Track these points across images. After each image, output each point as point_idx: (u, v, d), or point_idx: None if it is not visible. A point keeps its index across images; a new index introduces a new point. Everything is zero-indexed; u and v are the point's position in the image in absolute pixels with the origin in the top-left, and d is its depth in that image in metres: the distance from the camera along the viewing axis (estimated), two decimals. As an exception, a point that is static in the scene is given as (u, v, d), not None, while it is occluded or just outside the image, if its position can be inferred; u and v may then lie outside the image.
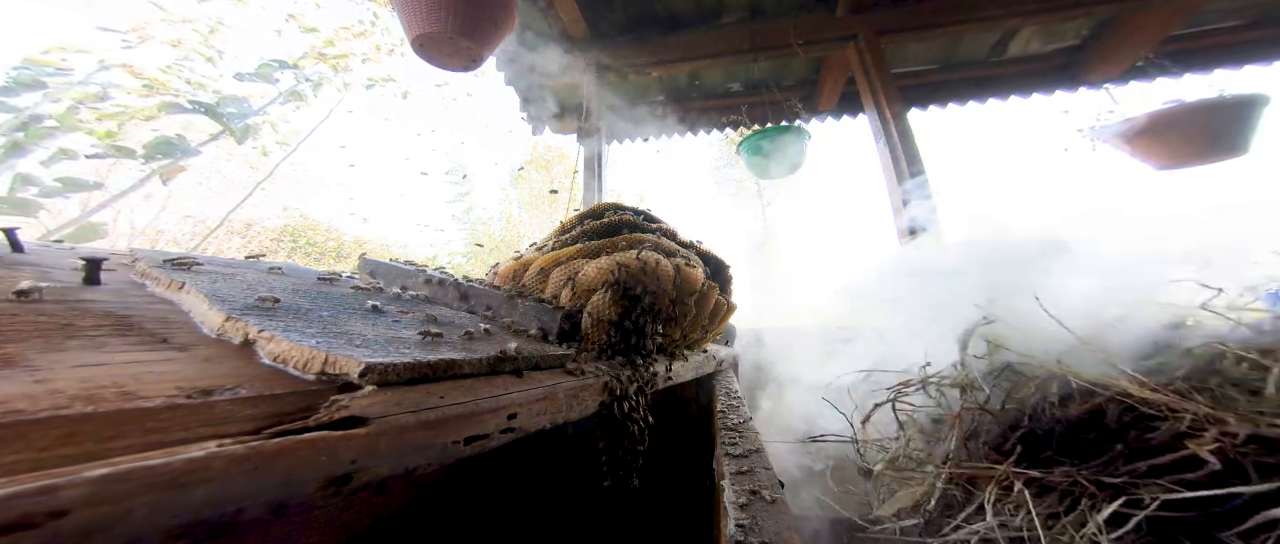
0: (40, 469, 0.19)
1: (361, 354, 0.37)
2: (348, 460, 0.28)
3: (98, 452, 0.22)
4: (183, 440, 0.24)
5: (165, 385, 0.28)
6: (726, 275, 1.21)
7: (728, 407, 0.96)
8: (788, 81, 2.91)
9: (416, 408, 0.35)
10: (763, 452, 0.68)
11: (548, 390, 0.50)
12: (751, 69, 2.77)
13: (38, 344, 0.32)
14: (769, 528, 0.46)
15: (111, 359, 0.31)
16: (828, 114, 2.95)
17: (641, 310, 0.79)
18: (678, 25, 2.53)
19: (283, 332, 0.38)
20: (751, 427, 0.82)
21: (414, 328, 0.54)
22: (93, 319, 0.39)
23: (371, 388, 0.34)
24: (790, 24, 2.36)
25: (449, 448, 0.36)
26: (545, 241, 1.07)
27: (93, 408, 0.24)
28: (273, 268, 0.77)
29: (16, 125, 3.19)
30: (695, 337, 1.12)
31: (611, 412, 0.65)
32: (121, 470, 0.20)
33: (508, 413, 0.43)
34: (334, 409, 0.30)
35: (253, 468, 0.24)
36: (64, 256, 0.60)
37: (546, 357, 0.58)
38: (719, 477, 0.64)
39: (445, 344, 0.49)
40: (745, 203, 14.40)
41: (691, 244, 1.16)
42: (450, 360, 0.42)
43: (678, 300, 0.90)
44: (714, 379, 1.23)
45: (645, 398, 0.73)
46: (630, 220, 1.05)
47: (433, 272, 0.93)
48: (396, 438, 0.31)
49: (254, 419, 0.28)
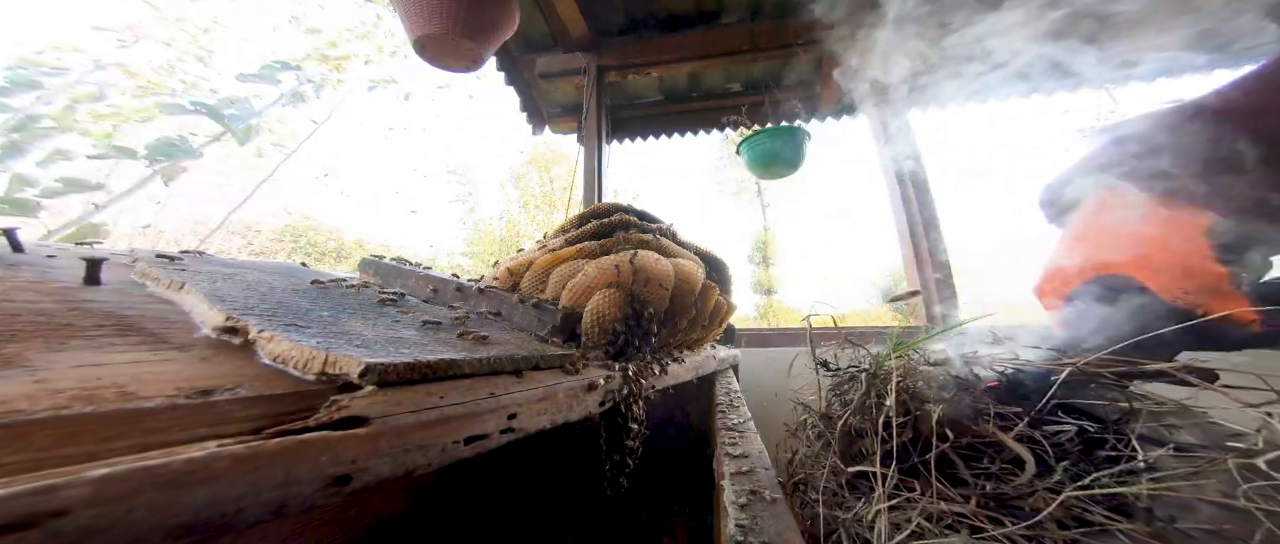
0: (40, 469, 0.19)
1: (361, 354, 0.37)
2: (348, 460, 0.28)
3: (98, 452, 0.22)
4: (183, 440, 0.24)
5: (165, 385, 0.28)
6: (726, 275, 1.21)
7: (728, 407, 0.96)
8: (788, 81, 2.91)
9: (416, 408, 0.35)
10: (763, 452, 0.68)
11: (548, 390, 0.50)
12: (751, 69, 2.77)
13: (38, 344, 0.32)
14: (769, 528, 0.46)
15: (111, 359, 0.31)
16: (828, 114, 2.95)
17: (641, 310, 0.79)
18: (678, 25, 2.53)
19: (283, 331, 0.39)
20: (751, 426, 0.82)
21: (414, 328, 0.54)
22: (93, 319, 0.39)
23: (371, 388, 0.34)
24: (790, 24, 2.36)
25: (449, 448, 0.36)
26: (545, 242, 1.07)
27: (93, 408, 0.24)
28: (273, 268, 0.78)
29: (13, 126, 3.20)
30: (695, 336, 1.12)
31: (611, 412, 0.65)
32: (121, 470, 0.20)
33: (508, 413, 0.43)
34: (334, 409, 0.30)
35: (253, 468, 0.24)
36: (64, 256, 0.60)
37: (546, 357, 0.58)
38: (719, 477, 0.64)
39: (445, 344, 0.49)
40: (746, 203, 14.40)
41: (691, 244, 1.16)
42: (450, 360, 0.42)
43: (677, 300, 0.90)
44: (714, 379, 1.23)
45: (645, 398, 0.73)
46: (630, 220, 1.05)
47: (433, 271, 0.93)
48: (396, 438, 0.31)
49: (254, 419, 0.28)
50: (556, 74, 2.63)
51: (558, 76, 2.65)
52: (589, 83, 2.56)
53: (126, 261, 0.64)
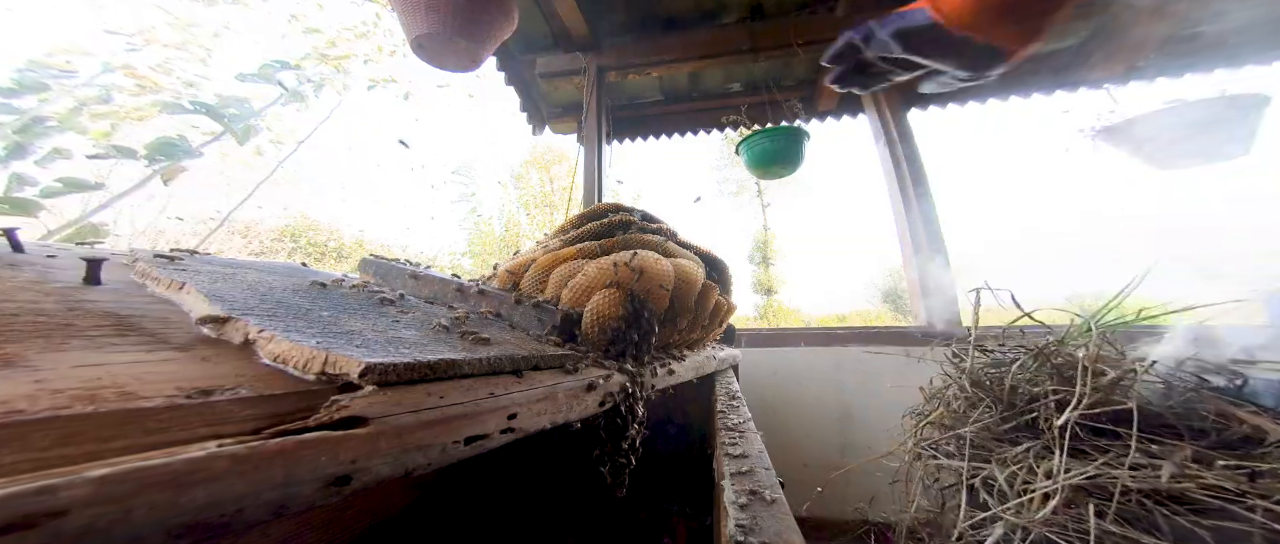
0: (40, 469, 0.19)
1: (361, 354, 0.37)
2: (348, 460, 0.28)
3: (98, 452, 0.22)
4: (183, 440, 0.24)
5: (165, 385, 0.28)
6: (726, 275, 1.21)
7: (728, 407, 0.96)
8: (788, 81, 2.91)
9: (416, 408, 0.35)
10: (763, 452, 0.68)
11: (548, 390, 0.50)
12: (751, 69, 2.77)
13: (38, 344, 0.32)
14: (769, 528, 0.45)
15: (111, 359, 0.31)
16: (828, 114, 2.95)
17: (641, 310, 0.79)
18: (678, 25, 2.53)
19: (283, 331, 0.38)
20: (751, 426, 0.82)
21: (414, 328, 0.54)
22: (93, 319, 0.39)
23: (371, 388, 0.34)
24: (790, 24, 2.36)
25: (449, 448, 0.36)
26: (545, 242, 1.07)
27: (93, 408, 0.24)
28: (273, 268, 0.77)
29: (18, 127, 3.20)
30: (695, 336, 1.12)
31: (611, 412, 0.65)
32: (121, 470, 0.20)
33: (508, 413, 0.43)
34: (334, 409, 0.30)
35: (253, 468, 0.24)
36: (64, 256, 0.60)
37: (546, 357, 0.58)
38: (719, 477, 0.64)
39: (445, 344, 0.49)
40: (745, 203, 14.40)
41: (691, 244, 1.16)
42: (450, 360, 0.42)
43: (677, 300, 0.90)
44: (714, 379, 1.23)
45: (645, 398, 0.73)
46: (630, 221, 1.05)
47: (433, 271, 0.93)
48: (396, 438, 0.31)
49: (254, 419, 0.28)
50: (556, 74, 2.63)
51: (558, 76, 2.64)
52: (589, 83, 2.55)
53: (126, 262, 0.64)
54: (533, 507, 1.17)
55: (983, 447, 0.86)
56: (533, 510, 1.17)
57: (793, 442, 2.10)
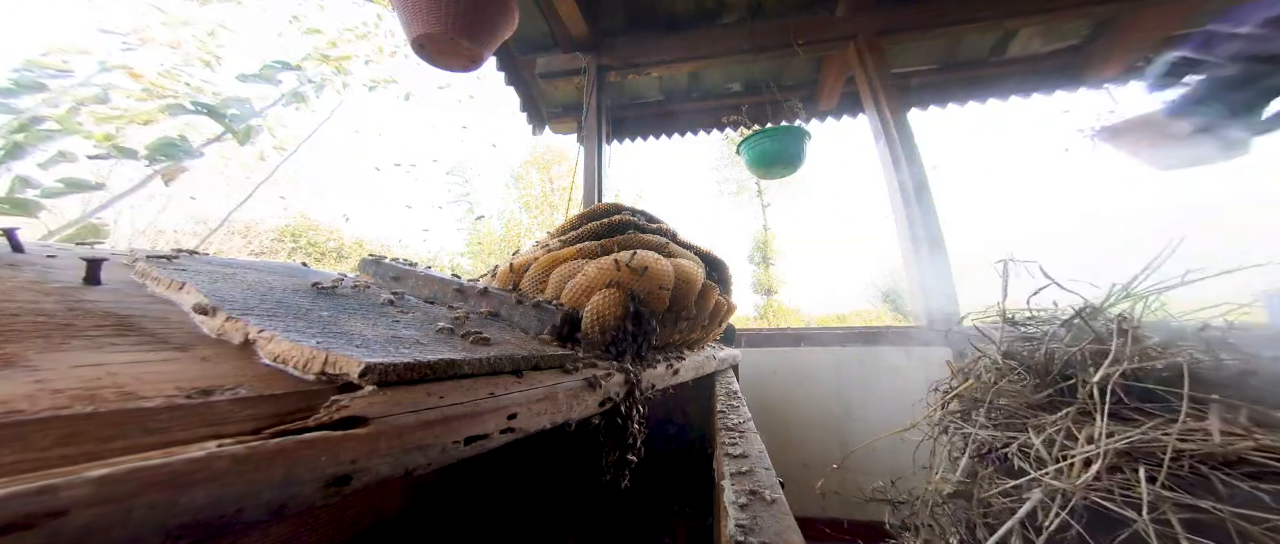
0: (40, 469, 0.19)
1: (361, 354, 0.37)
2: (348, 460, 0.28)
3: (98, 452, 0.22)
4: (183, 440, 0.24)
5: (165, 385, 0.28)
6: (726, 275, 1.21)
7: (727, 407, 0.96)
8: (788, 81, 2.91)
9: (416, 408, 0.35)
10: (763, 452, 0.68)
11: (548, 390, 0.50)
12: (751, 69, 2.77)
13: (38, 344, 0.32)
14: (769, 528, 0.45)
15: (111, 359, 0.31)
16: (828, 114, 2.95)
17: (641, 310, 0.79)
18: (678, 25, 2.53)
19: (283, 332, 0.38)
20: (751, 426, 0.82)
21: (414, 328, 0.54)
22: (93, 319, 0.39)
23: (371, 388, 0.34)
24: (790, 24, 2.36)
25: (449, 448, 0.36)
26: (545, 242, 1.07)
27: (93, 408, 0.24)
28: (273, 268, 0.77)
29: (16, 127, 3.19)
30: (695, 336, 1.12)
31: (611, 411, 0.65)
32: (121, 470, 0.20)
33: (508, 413, 0.43)
34: (334, 409, 0.30)
35: (253, 468, 0.23)
36: (64, 256, 0.60)
37: (546, 357, 0.58)
38: (719, 477, 0.64)
39: (445, 344, 0.49)
40: (745, 203, 14.41)
41: (691, 244, 1.16)
42: (450, 360, 0.42)
43: (677, 300, 0.90)
44: (714, 379, 1.23)
45: (645, 398, 0.73)
46: (630, 221, 1.05)
47: (433, 272, 0.93)
48: (396, 438, 0.31)
49: (254, 419, 0.28)
50: (556, 74, 2.63)
51: (558, 76, 2.65)
52: (589, 83, 2.56)
53: (126, 262, 0.64)
54: (532, 507, 1.17)
55: (1016, 414, 0.83)
56: (533, 510, 1.17)
57: (792, 442, 2.10)
